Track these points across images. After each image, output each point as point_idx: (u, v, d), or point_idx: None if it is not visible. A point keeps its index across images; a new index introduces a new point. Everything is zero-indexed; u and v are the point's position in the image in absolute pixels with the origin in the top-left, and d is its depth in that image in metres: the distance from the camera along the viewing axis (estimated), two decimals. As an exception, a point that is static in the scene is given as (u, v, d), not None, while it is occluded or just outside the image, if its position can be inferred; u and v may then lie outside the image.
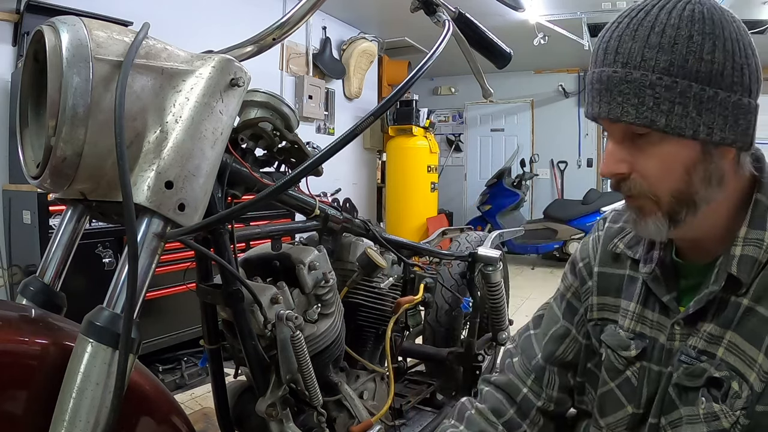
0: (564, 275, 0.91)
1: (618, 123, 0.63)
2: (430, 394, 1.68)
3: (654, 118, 0.60)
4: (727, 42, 0.59)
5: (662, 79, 0.59)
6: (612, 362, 0.78)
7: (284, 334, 0.97)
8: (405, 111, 5.02)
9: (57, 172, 0.65)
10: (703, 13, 0.59)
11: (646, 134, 0.62)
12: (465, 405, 0.90)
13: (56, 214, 2.09)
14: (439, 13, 1.09)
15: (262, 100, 1.00)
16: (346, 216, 1.24)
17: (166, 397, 0.77)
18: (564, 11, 4.58)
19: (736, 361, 0.63)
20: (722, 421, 0.63)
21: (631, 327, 0.76)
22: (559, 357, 0.87)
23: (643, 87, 0.60)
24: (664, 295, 0.72)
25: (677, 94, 0.59)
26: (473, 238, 1.97)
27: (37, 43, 0.68)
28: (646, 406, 0.73)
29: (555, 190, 6.93)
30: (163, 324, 2.39)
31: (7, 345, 0.62)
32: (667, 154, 0.62)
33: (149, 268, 0.69)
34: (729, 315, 0.65)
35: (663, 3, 0.61)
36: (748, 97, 0.61)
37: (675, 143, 0.61)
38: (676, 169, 0.62)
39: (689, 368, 0.67)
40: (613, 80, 0.61)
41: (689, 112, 0.59)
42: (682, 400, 0.68)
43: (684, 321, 0.69)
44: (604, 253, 0.83)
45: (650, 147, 0.62)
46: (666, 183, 0.63)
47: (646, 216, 0.66)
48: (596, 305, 0.83)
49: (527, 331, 0.94)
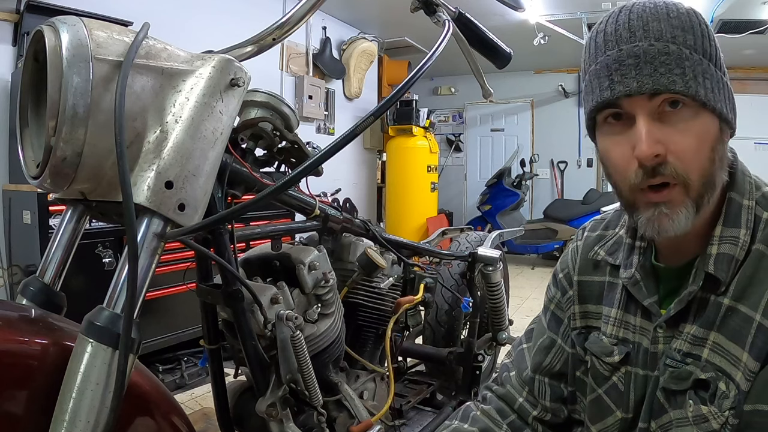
0: (548, 287, 0.92)
1: (659, 96, 0.60)
2: (430, 394, 1.68)
3: (697, 89, 0.60)
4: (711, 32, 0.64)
5: (693, 55, 0.61)
6: (597, 369, 0.79)
7: (284, 334, 0.97)
8: (405, 111, 5.02)
9: (57, 172, 0.65)
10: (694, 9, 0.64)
11: (679, 110, 0.61)
12: (469, 407, 0.92)
13: (56, 214, 2.09)
14: (439, 13, 1.09)
15: (262, 100, 1.00)
16: (346, 216, 1.24)
17: (166, 397, 0.77)
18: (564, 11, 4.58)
19: (722, 362, 0.63)
20: (711, 422, 0.63)
21: (614, 333, 0.77)
22: (547, 367, 0.88)
23: (682, 59, 0.60)
24: (645, 299, 0.72)
25: (704, 70, 0.61)
26: (473, 238, 1.97)
27: (37, 43, 0.68)
28: (634, 411, 0.74)
29: (555, 190, 6.93)
30: (163, 324, 2.39)
31: (7, 345, 0.62)
32: (701, 129, 0.61)
33: (149, 268, 0.69)
34: (711, 315, 0.65)
35: None
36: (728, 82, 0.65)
37: (708, 117, 0.61)
38: (707, 146, 0.61)
39: (675, 371, 0.67)
40: (651, 53, 0.60)
41: (713, 87, 0.61)
42: (670, 404, 0.68)
43: (666, 323, 0.70)
44: (583, 262, 0.84)
45: (684, 123, 0.61)
46: (698, 162, 0.61)
47: (677, 206, 0.62)
48: (578, 314, 0.83)
49: (520, 345, 0.95)
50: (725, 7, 3.97)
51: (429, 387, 1.70)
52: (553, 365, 0.88)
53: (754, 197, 0.67)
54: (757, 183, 0.69)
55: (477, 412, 0.90)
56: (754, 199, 0.67)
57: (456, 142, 7.47)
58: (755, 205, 0.66)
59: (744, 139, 5.08)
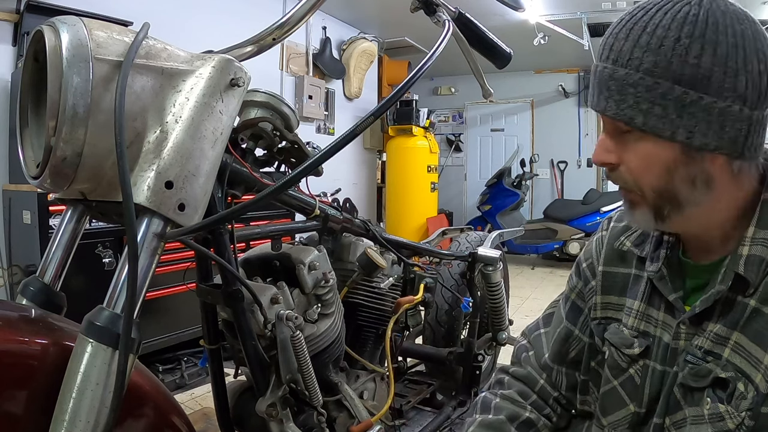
0: (570, 276, 0.92)
1: (604, 116, 0.65)
2: (430, 394, 1.68)
3: (633, 115, 0.61)
4: (720, 47, 0.57)
5: (644, 79, 0.60)
6: (615, 360, 0.78)
7: (284, 334, 0.97)
8: (405, 111, 5.02)
9: (57, 172, 0.65)
10: (698, 16, 0.58)
11: (629, 130, 0.63)
12: (487, 397, 0.91)
13: (56, 214, 2.08)
14: (439, 13, 1.09)
15: (262, 100, 1.00)
16: (346, 216, 1.24)
17: (166, 397, 0.77)
18: (564, 11, 4.58)
19: (742, 362, 0.63)
20: (727, 422, 0.63)
21: (635, 325, 0.76)
22: (564, 356, 0.89)
23: (626, 85, 0.61)
24: (671, 293, 0.72)
25: (658, 95, 0.59)
26: (473, 238, 1.97)
27: (37, 43, 0.68)
28: (648, 406, 0.73)
29: (555, 190, 6.93)
30: (163, 324, 2.38)
31: (7, 345, 0.62)
32: (646, 152, 0.63)
33: (149, 268, 0.69)
34: (735, 316, 0.64)
35: (664, 3, 0.61)
36: (741, 104, 0.58)
37: (654, 142, 0.62)
38: (655, 167, 0.63)
39: (695, 368, 0.67)
40: (603, 76, 0.64)
41: (668, 114, 0.60)
42: (687, 401, 0.68)
43: (690, 320, 0.69)
44: (609, 252, 0.83)
45: (632, 143, 0.64)
46: (647, 179, 0.65)
47: (634, 208, 0.68)
48: (600, 304, 0.83)
49: (537, 329, 0.95)
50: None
51: (429, 387, 1.70)
52: (570, 353, 0.88)
53: None
54: None
55: (497, 399, 0.89)
56: None
57: (456, 142, 7.47)
58: None
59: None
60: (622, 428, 0.77)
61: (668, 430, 0.70)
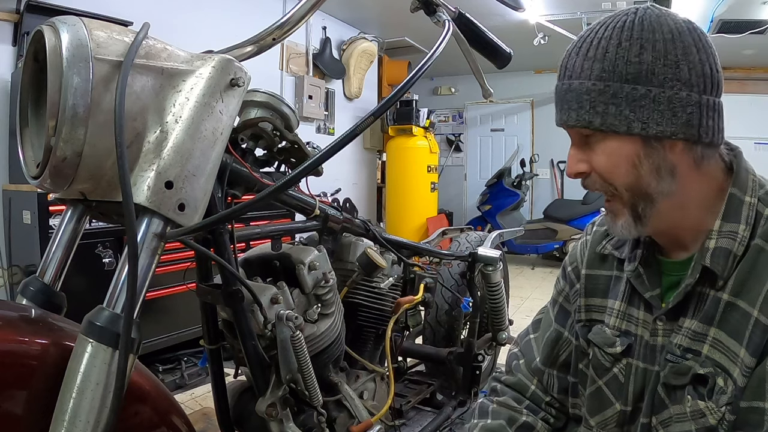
0: (556, 280, 0.94)
1: (568, 128, 0.70)
2: (430, 394, 1.68)
3: (591, 119, 0.66)
4: (658, 43, 0.63)
5: (596, 84, 0.66)
6: (599, 360, 0.80)
7: (284, 334, 0.97)
8: (405, 111, 5.02)
9: (57, 172, 0.65)
10: (634, 22, 0.65)
11: (592, 134, 0.68)
12: (484, 403, 0.93)
13: (56, 214, 2.08)
14: (439, 13, 1.09)
15: (262, 100, 1.00)
16: (346, 216, 1.24)
17: (166, 397, 0.77)
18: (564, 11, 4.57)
19: (721, 357, 0.65)
20: (708, 418, 0.64)
21: (617, 325, 0.78)
22: (555, 359, 0.90)
23: (581, 93, 0.67)
24: (647, 291, 0.74)
25: (610, 96, 0.65)
26: (473, 238, 1.97)
27: (37, 43, 0.68)
28: (633, 404, 0.75)
29: (555, 190, 6.93)
30: (163, 324, 2.38)
31: (7, 345, 0.62)
32: (611, 150, 0.67)
33: (149, 268, 0.69)
34: (710, 311, 0.66)
35: (606, 20, 0.68)
36: (689, 90, 0.63)
37: (615, 139, 0.67)
38: (621, 163, 0.67)
39: (675, 366, 0.69)
40: (561, 91, 0.70)
41: (622, 111, 0.65)
42: (670, 399, 0.70)
43: (666, 316, 0.71)
44: (591, 256, 0.85)
45: (597, 145, 0.69)
46: (617, 177, 0.68)
47: (617, 217, 0.72)
48: (583, 306, 0.85)
49: (527, 335, 0.97)
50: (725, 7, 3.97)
51: (429, 387, 1.70)
52: (560, 356, 0.90)
53: (757, 194, 0.68)
54: (761, 182, 0.69)
55: (493, 405, 0.91)
56: (756, 196, 0.68)
57: (456, 142, 7.47)
58: (757, 202, 0.67)
59: (744, 139, 5.08)
60: (609, 427, 0.79)
61: (655, 429, 0.72)
